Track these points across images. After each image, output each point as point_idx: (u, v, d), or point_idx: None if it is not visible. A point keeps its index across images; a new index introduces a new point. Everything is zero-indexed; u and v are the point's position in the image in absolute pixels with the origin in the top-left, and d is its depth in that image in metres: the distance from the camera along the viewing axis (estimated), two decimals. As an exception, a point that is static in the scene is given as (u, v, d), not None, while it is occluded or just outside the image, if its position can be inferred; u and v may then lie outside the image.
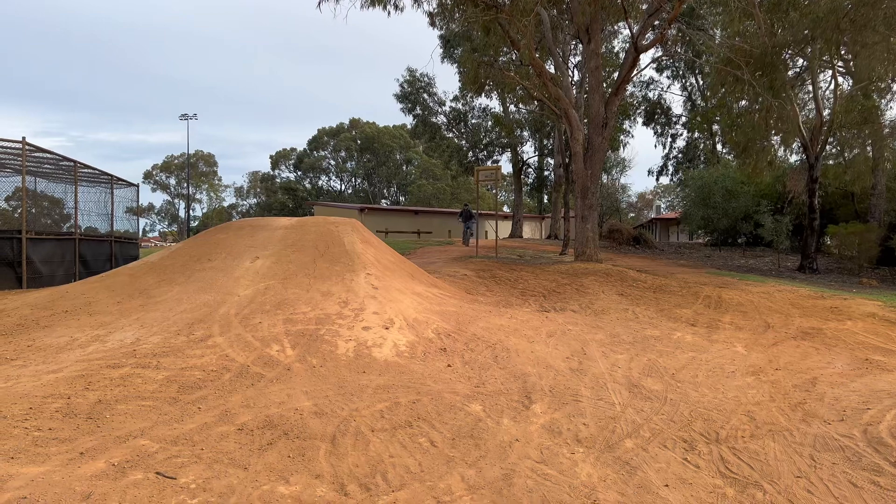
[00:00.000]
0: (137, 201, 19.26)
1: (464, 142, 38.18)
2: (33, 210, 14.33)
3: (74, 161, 14.46)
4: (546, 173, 38.02)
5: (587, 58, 17.43)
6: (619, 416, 4.98)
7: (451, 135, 38.63)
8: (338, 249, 9.69)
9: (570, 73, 26.23)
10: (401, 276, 9.93)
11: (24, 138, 11.73)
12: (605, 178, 37.16)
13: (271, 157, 79.81)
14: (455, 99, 37.19)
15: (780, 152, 24.65)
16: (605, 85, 17.95)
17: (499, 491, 3.56)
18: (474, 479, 3.69)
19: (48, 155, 13.41)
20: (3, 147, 12.23)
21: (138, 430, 4.13)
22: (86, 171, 15.39)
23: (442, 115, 38.17)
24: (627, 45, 21.11)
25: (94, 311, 7.78)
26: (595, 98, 16.71)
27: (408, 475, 3.71)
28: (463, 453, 4.09)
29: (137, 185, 18.90)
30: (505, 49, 22.55)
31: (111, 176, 16.88)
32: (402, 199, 72.81)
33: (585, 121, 18.49)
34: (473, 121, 37.76)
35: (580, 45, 22.73)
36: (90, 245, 15.04)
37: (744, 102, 19.30)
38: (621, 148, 33.76)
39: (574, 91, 20.78)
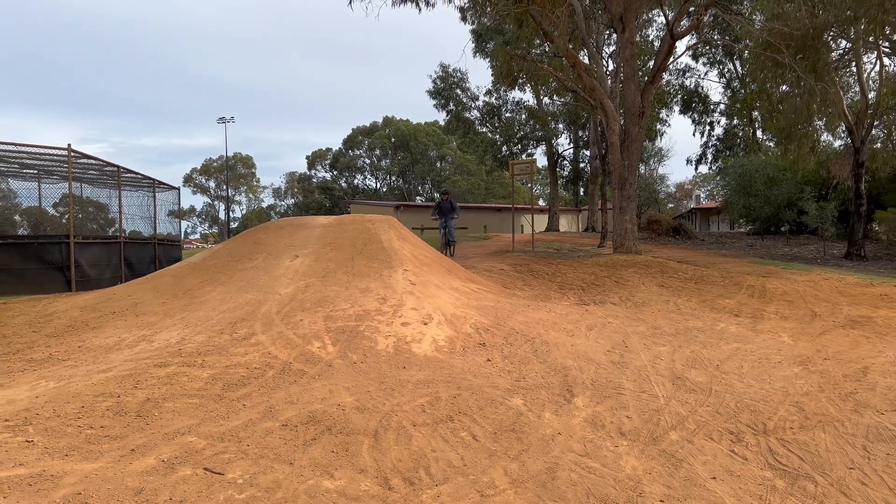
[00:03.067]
0: (179, 204, 19.71)
1: (498, 136, 37.88)
2: (80, 215, 14.75)
3: (118, 166, 14.84)
4: (582, 165, 37.66)
5: (622, 47, 17.18)
6: (663, 408, 4.90)
7: (484, 129, 38.41)
8: (375, 246, 9.75)
9: (605, 62, 25.89)
10: (438, 272, 9.94)
11: (69, 145, 12.09)
12: (642, 168, 36.66)
13: (307, 157, 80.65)
14: (488, 93, 36.97)
15: (824, 137, 23.97)
16: (640, 74, 17.68)
17: (542, 484, 3.54)
18: (517, 473, 3.68)
19: (92, 161, 13.78)
20: (49, 154, 12.63)
21: (186, 427, 4.22)
22: (129, 175, 15.79)
23: (475, 110, 37.99)
24: (662, 32, 20.81)
25: (141, 311, 7.98)
26: (631, 87, 16.47)
27: (451, 469, 3.72)
28: (505, 447, 4.08)
29: (178, 189, 19.32)
30: (538, 41, 22.34)
31: (153, 180, 17.28)
32: (436, 195, 72.83)
33: (621, 111, 18.24)
34: (507, 114, 37.47)
35: (614, 35, 22.42)
36: (135, 248, 15.43)
37: (785, 87, 18.78)
38: (658, 137, 33.26)
39: (609, 81, 20.50)
